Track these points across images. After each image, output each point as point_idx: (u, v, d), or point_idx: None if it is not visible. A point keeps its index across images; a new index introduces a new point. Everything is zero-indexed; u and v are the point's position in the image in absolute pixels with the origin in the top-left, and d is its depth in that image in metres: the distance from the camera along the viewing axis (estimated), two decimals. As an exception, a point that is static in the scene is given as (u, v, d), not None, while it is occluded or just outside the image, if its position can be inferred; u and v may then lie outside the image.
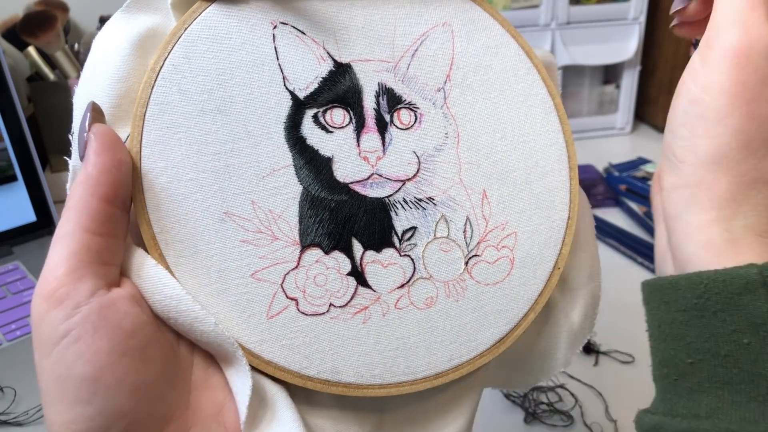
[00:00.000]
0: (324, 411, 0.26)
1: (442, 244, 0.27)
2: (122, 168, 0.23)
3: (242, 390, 0.23)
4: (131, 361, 0.22)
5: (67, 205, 0.23)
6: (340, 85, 0.27)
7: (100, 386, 0.21)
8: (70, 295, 0.21)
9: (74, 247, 0.22)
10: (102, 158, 0.23)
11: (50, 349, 0.21)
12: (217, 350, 0.24)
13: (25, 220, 0.69)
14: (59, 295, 0.21)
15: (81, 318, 0.21)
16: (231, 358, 0.24)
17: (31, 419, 0.47)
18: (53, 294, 0.21)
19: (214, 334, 0.24)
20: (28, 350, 0.53)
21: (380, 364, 0.26)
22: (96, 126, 0.23)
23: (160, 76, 0.25)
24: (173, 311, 0.23)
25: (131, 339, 0.22)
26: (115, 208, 0.23)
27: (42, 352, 0.21)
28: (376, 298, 0.26)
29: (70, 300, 0.21)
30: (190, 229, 0.24)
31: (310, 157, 0.26)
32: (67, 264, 0.22)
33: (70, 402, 0.21)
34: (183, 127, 0.25)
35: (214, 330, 0.23)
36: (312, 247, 0.25)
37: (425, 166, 0.27)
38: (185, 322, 0.23)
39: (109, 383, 0.21)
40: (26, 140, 0.69)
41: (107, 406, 0.21)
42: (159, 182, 0.24)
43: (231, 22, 0.26)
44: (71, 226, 0.22)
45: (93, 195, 0.22)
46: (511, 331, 0.28)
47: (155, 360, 0.23)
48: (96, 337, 0.21)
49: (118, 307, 0.22)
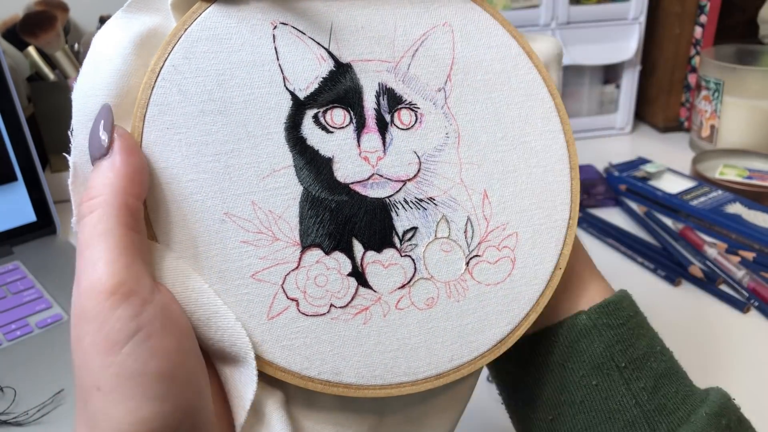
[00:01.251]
0: (324, 412, 0.26)
1: (443, 245, 0.27)
2: (147, 170, 0.24)
3: (243, 394, 0.23)
4: (194, 360, 0.22)
5: (97, 201, 0.22)
6: (341, 85, 0.27)
7: (175, 384, 0.21)
8: (135, 291, 0.21)
9: (123, 244, 0.21)
10: (134, 158, 0.23)
11: (119, 346, 0.20)
12: (227, 349, 0.24)
13: (25, 220, 0.69)
14: (125, 291, 0.21)
15: (150, 315, 0.21)
16: (240, 359, 0.24)
17: (31, 419, 0.47)
18: (118, 290, 0.20)
19: (230, 331, 0.23)
20: (28, 350, 0.53)
21: (381, 364, 0.26)
22: (118, 127, 0.24)
23: (160, 77, 0.25)
24: (192, 304, 0.23)
25: (190, 338, 0.22)
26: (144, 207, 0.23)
27: (107, 350, 0.20)
28: (377, 298, 0.26)
29: (137, 297, 0.21)
30: (191, 229, 0.24)
31: (310, 158, 0.26)
32: (122, 259, 0.21)
33: (145, 399, 0.20)
34: (183, 128, 0.25)
35: (233, 326, 0.23)
36: (312, 248, 0.25)
37: (426, 167, 0.27)
38: (203, 316, 0.23)
39: (181, 380, 0.21)
40: (26, 140, 0.69)
41: (181, 403, 0.21)
42: (159, 183, 0.24)
43: (231, 22, 0.26)
44: (112, 222, 0.22)
45: (130, 194, 0.22)
46: (513, 332, 0.28)
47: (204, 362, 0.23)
48: (165, 334, 0.21)
49: (173, 307, 0.22)
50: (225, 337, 0.24)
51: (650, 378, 0.28)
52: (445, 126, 0.28)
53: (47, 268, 0.64)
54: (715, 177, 0.80)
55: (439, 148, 0.27)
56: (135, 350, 0.20)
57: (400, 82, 0.27)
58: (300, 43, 0.26)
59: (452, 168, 0.27)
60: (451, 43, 0.29)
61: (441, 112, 0.28)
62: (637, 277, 0.65)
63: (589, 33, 0.93)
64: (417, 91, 0.28)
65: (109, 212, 0.22)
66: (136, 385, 0.20)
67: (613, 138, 1.00)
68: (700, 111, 0.92)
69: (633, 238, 0.70)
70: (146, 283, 0.21)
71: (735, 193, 0.75)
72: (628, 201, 0.78)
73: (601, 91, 0.99)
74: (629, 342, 0.29)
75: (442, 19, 0.29)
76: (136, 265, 0.21)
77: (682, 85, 0.98)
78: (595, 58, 0.94)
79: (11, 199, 0.69)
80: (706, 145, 0.91)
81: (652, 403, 0.28)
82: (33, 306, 0.57)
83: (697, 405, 0.28)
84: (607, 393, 0.28)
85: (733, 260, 0.63)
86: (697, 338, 0.55)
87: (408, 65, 0.28)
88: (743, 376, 0.51)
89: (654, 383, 0.28)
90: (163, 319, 0.21)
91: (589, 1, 0.92)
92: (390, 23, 0.28)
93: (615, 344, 0.29)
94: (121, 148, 0.23)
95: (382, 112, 0.27)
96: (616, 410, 0.28)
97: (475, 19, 0.29)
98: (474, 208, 0.27)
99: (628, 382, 0.28)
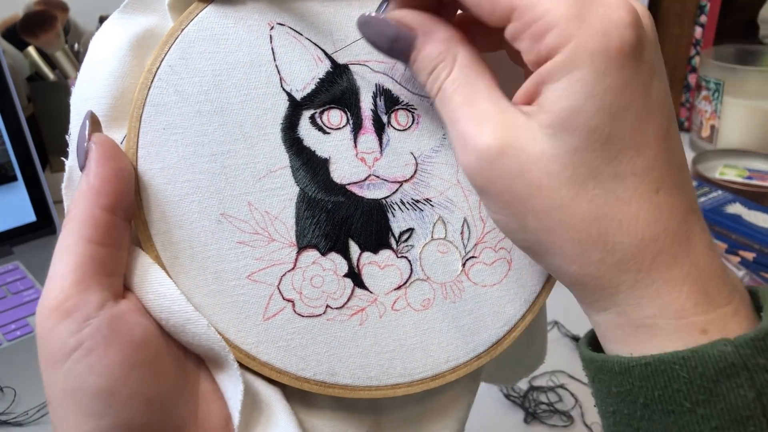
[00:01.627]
0: (320, 413, 0.26)
1: (439, 246, 0.27)
2: (124, 176, 0.23)
3: (234, 395, 0.23)
4: (143, 373, 0.22)
5: (69, 216, 0.22)
6: (337, 86, 0.27)
7: (114, 399, 0.21)
8: (78, 307, 0.21)
9: (79, 259, 0.22)
10: (104, 168, 0.23)
11: (60, 363, 0.21)
12: (208, 353, 0.24)
13: (25, 220, 0.69)
14: (67, 307, 0.21)
15: (92, 330, 0.21)
16: (222, 362, 0.24)
17: (31, 419, 0.47)
18: (60, 306, 0.21)
19: (205, 337, 0.23)
20: (28, 350, 0.53)
21: (377, 365, 0.26)
22: (96, 135, 0.23)
23: (157, 77, 0.25)
24: (166, 311, 0.23)
25: (142, 351, 0.22)
26: (118, 217, 0.23)
27: (51, 366, 0.21)
28: (373, 299, 0.26)
29: (80, 312, 0.21)
30: (187, 230, 0.24)
31: (307, 159, 0.26)
32: (73, 276, 0.21)
33: (84, 415, 0.20)
34: (179, 129, 0.25)
35: (206, 332, 0.23)
36: (309, 249, 0.25)
37: (422, 168, 0.27)
38: (177, 323, 0.23)
39: (123, 396, 0.21)
40: (26, 140, 0.69)
41: (122, 419, 0.21)
42: (155, 184, 0.24)
43: (228, 23, 0.26)
44: (74, 237, 0.22)
45: (96, 205, 0.22)
46: (509, 333, 0.28)
47: (165, 372, 0.23)
48: (108, 349, 0.21)
49: (127, 319, 0.22)
50: (202, 342, 0.24)
51: None
52: (441, 127, 0.28)
53: (47, 268, 0.64)
54: (715, 177, 0.80)
55: (435, 149, 0.27)
56: (74, 367, 0.21)
57: (397, 84, 0.27)
58: (297, 44, 0.26)
59: (449, 169, 0.27)
60: (448, 43, 0.29)
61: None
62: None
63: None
64: (414, 92, 0.28)
65: (73, 227, 0.22)
66: (73, 401, 0.20)
67: (614, 138, 1.00)
68: (700, 111, 0.92)
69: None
70: (92, 299, 0.21)
71: (735, 193, 0.75)
72: (628, 201, 0.78)
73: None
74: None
75: (439, 20, 0.29)
76: (88, 281, 0.21)
77: (682, 85, 0.98)
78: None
79: (11, 199, 0.69)
80: (706, 145, 0.91)
81: None
82: (33, 306, 0.58)
83: None
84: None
85: (733, 260, 0.63)
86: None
87: (405, 66, 0.28)
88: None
89: None
90: (107, 333, 0.21)
91: (590, 1, 0.92)
92: None
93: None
94: (93, 159, 0.23)
95: (378, 113, 0.27)
96: None
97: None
98: (470, 210, 0.27)
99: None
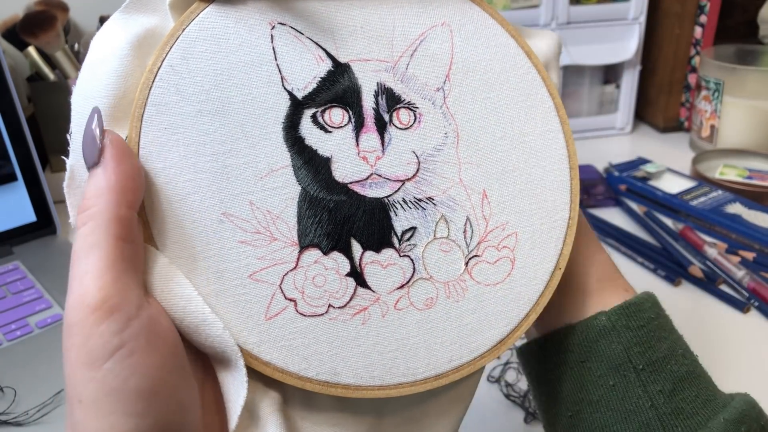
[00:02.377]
0: (323, 412, 0.26)
1: (442, 245, 0.27)
2: (141, 174, 0.23)
3: (235, 399, 0.23)
4: (178, 376, 0.22)
5: (88, 213, 0.22)
6: (339, 85, 0.26)
7: (156, 400, 0.21)
8: (121, 306, 0.21)
9: (112, 256, 0.21)
10: (124, 165, 0.23)
11: (100, 362, 0.20)
12: (217, 354, 0.24)
13: (25, 220, 0.69)
14: (109, 306, 0.21)
15: (135, 331, 0.21)
16: (231, 365, 0.24)
17: (31, 419, 0.47)
18: (102, 305, 0.21)
19: (219, 340, 0.23)
20: (28, 350, 0.53)
21: (380, 365, 0.26)
22: (109, 132, 0.23)
23: (158, 77, 0.25)
24: (181, 311, 0.23)
25: (175, 354, 0.22)
26: (137, 215, 0.23)
27: (86, 364, 0.20)
28: (376, 298, 0.26)
29: (122, 312, 0.21)
30: (188, 230, 0.24)
31: (308, 157, 0.26)
32: (110, 273, 0.21)
33: (123, 414, 0.20)
34: (181, 128, 0.25)
35: (220, 335, 0.23)
36: (310, 248, 0.25)
37: (425, 166, 0.27)
38: (192, 323, 0.23)
39: (164, 397, 0.21)
40: (26, 140, 0.69)
41: (161, 420, 0.21)
42: (157, 183, 0.24)
43: (229, 22, 0.26)
44: (101, 234, 0.22)
45: (122, 203, 0.22)
46: (512, 332, 0.27)
47: (191, 376, 0.23)
48: (149, 351, 0.21)
49: (161, 321, 0.22)
50: (215, 344, 0.24)
51: (668, 381, 0.28)
52: (443, 126, 0.28)
53: (47, 268, 0.64)
54: (715, 177, 0.80)
55: (438, 148, 0.27)
56: (116, 367, 0.20)
57: (399, 82, 0.27)
58: (298, 43, 0.26)
59: (451, 168, 0.27)
60: (449, 42, 0.29)
61: (440, 111, 0.28)
62: (636, 277, 0.64)
63: (589, 33, 0.93)
64: (416, 90, 0.28)
65: (99, 224, 0.22)
66: (115, 401, 0.20)
67: (613, 138, 1.00)
68: (700, 111, 0.92)
69: (633, 238, 0.70)
70: (133, 299, 0.21)
71: (735, 193, 0.75)
72: (628, 201, 0.78)
73: (601, 91, 0.99)
74: (648, 344, 0.29)
75: (441, 19, 0.29)
76: (124, 278, 0.21)
77: (682, 85, 0.98)
78: (595, 58, 0.94)
79: (11, 199, 0.69)
80: (706, 145, 0.91)
81: (668, 406, 0.28)
82: (33, 306, 0.57)
83: (718, 410, 0.28)
84: (624, 394, 0.28)
85: (733, 260, 0.63)
86: (697, 338, 0.55)
87: (407, 65, 0.28)
88: (743, 376, 0.51)
89: (672, 386, 0.28)
90: (148, 335, 0.21)
91: (589, 1, 0.92)
92: (388, 23, 0.28)
93: (633, 346, 0.29)
94: (111, 156, 0.23)
95: (380, 112, 0.27)
96: (631, 411, 0.28)
97: (474, 19, 0.29)
98: (473, 208, 0.27)
99: (645, 385, 0.28)
